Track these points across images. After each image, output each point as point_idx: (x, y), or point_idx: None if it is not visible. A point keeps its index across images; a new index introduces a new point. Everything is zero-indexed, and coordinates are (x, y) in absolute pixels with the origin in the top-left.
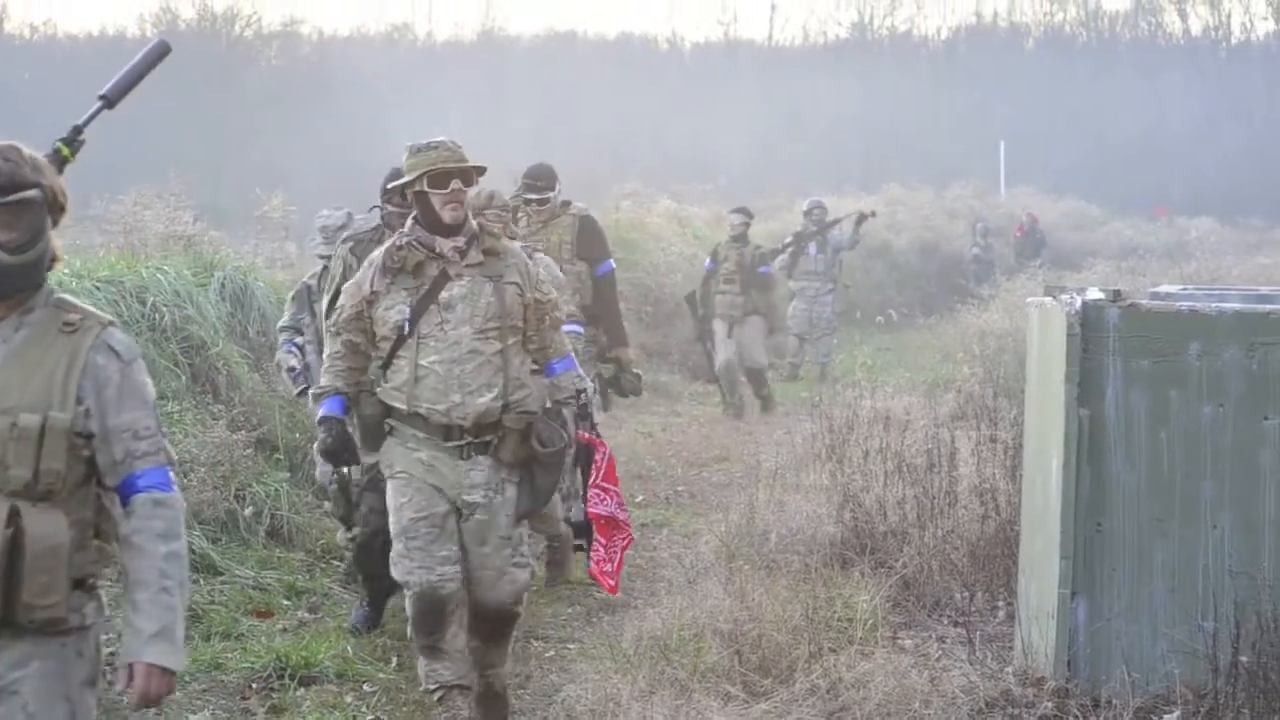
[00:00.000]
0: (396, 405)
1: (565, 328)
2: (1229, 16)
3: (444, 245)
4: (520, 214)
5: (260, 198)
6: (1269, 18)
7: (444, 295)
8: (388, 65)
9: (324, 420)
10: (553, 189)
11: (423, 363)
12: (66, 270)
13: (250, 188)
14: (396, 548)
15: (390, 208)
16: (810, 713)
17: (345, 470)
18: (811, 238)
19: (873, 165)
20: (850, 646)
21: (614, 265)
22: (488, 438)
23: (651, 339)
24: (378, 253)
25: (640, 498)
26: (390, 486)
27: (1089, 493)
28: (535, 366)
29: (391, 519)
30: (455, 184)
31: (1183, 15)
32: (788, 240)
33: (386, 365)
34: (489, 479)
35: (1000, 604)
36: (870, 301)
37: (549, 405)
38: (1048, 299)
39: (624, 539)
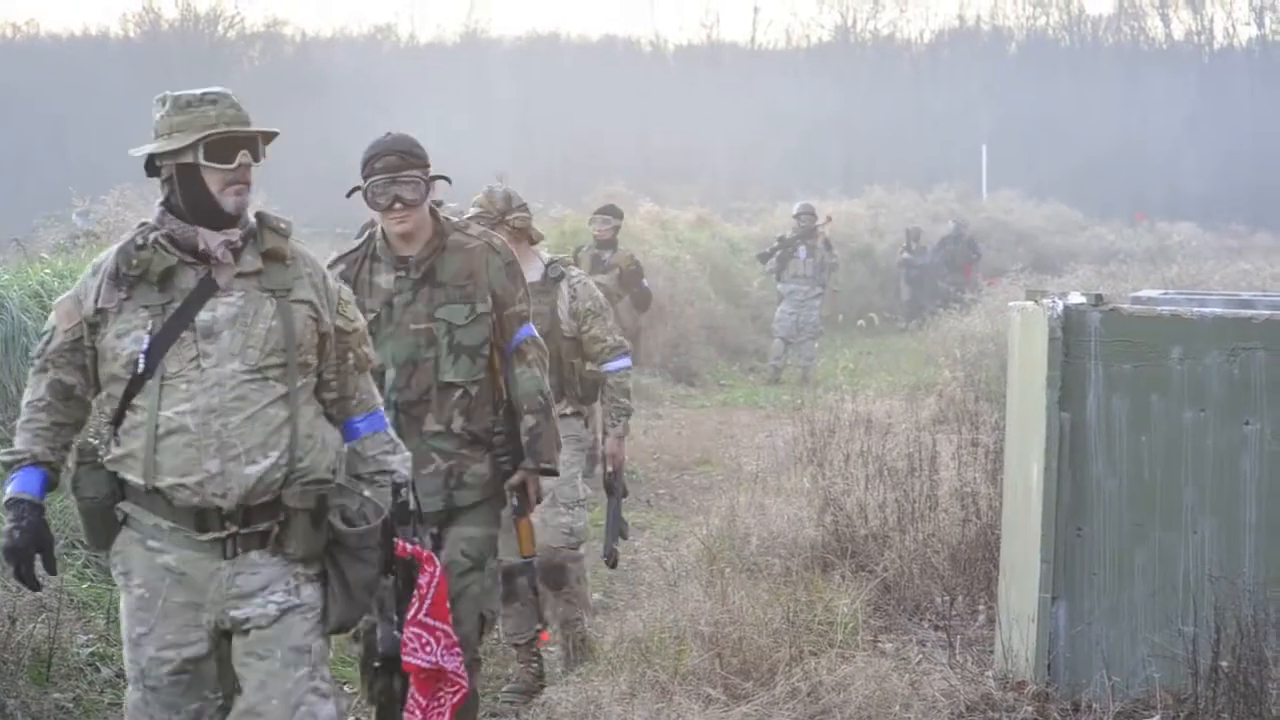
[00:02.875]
0: (130, 479)
1: (614, 363)
2: (1211, 21)
3: (210, 240)
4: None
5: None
6: (1251, 23)
7: (203, 317)
8: (371, 67)
9: (11, 504)
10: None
11: (168, 414)
12: None
13: None
14: (133, 696)
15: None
16: (790, 716)
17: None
18: (797, 242)
19: (855, 168)
20: (831, 650)
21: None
22: (263, 525)
23: (634, 341)
24: (107, 254)
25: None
26: (124, 607)
27: (1070, 497)
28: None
29: (126, 653)
30: (244, 157)
31: (1165, 20)
32: (774, 244)
33: (116, 420)
34: (269, 583)
35: (981, 608)
36: (852, 305)
37: (345, 481)
38: (1029, 303)
39: (454, 692)
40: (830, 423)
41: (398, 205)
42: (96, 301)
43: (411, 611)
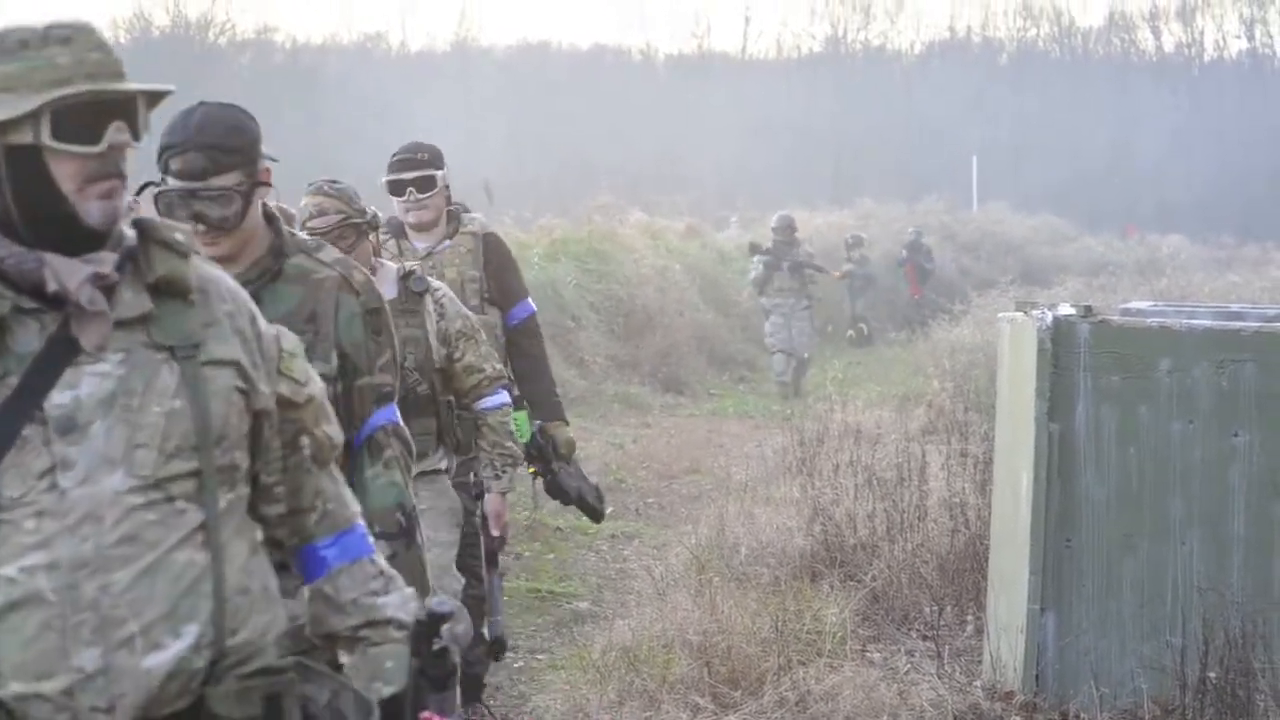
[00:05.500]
0: None
1: (492, 398)
2: (1202, 34)
3: (67, 275)
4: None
5: None
6: (1242, 36)
7: (59, 400)
8: (361, 74)
9: None
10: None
11: (7, 573)
12: None
13: None
14: None
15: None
16: None
17: None
18: (784, 256)
19: (844, 178)
20: (819, 659)
21: (534, 309)
22: None
23: (623, 351)
24: None
25: (610, 509)
26: None
27: (1058, 508)
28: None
29: None
30: (117, 133)
31: (1156, 32)
32: (757, 263)
33: None
34: None
35: (969, 618)
36: (841, 316)
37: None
38: (1019, 314)
39: None
40: (820, 433)
41: (198, 228)
42: None
43: None
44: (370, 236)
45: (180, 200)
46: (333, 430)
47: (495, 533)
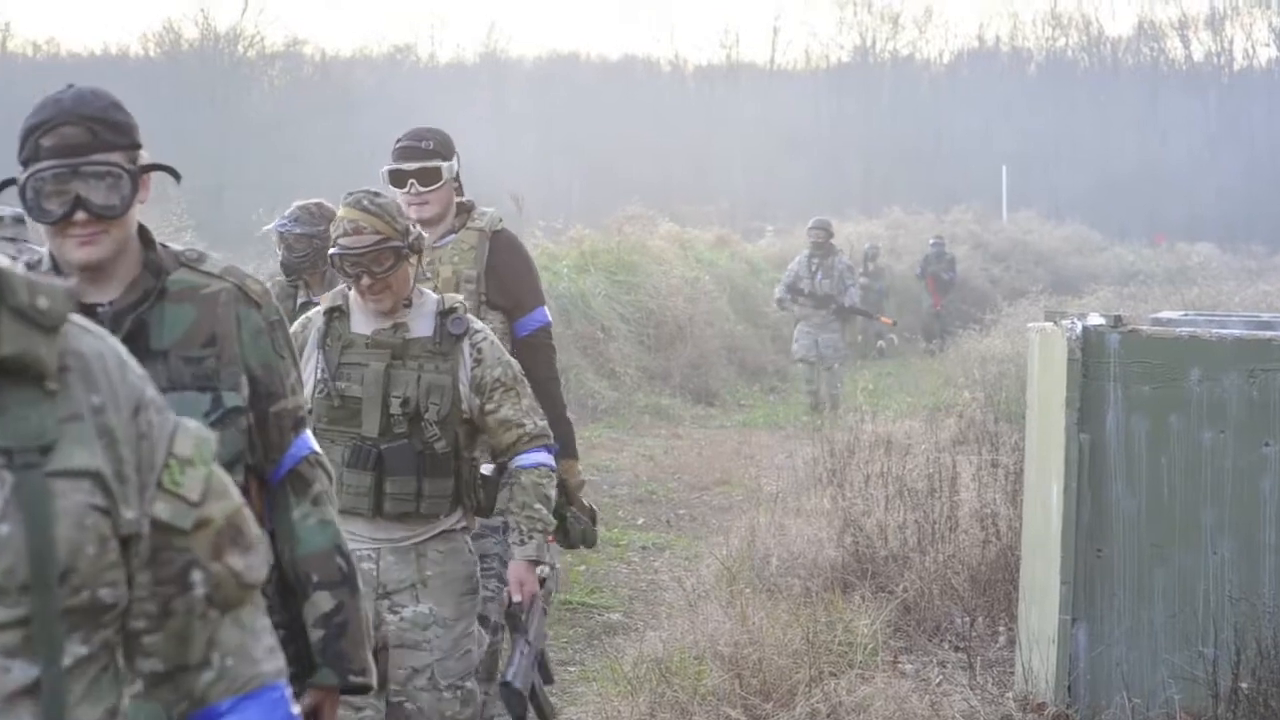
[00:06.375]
0: None
1: (530, 455)
2: (1231, 43)
3: None
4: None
5: (262, 218)
6: (1271, 44)
7: None
8: (390, 86)
9: None
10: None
11: None
12: None
13: (252, 207)
14: None
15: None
16: None
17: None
18: (816, 272)
19: (874, 188)
20: (851, 670)
21: (548, 319)
22: None
23: (654, 362)
24: None
25: (641, 520)
26: None
27: (1089, 518)
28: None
29: None
30: None
31: (1185, 41)
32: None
33: None
34: None
35: (1001, 629)
36: (871, 326)
37: None
38: (1049, 324)
39: None
40: (850, 443)
41: (79, 216)
42: None
43: None
44: (411, 260)
45: (56, 180)
46: (247, 563)
47: (516, 598)
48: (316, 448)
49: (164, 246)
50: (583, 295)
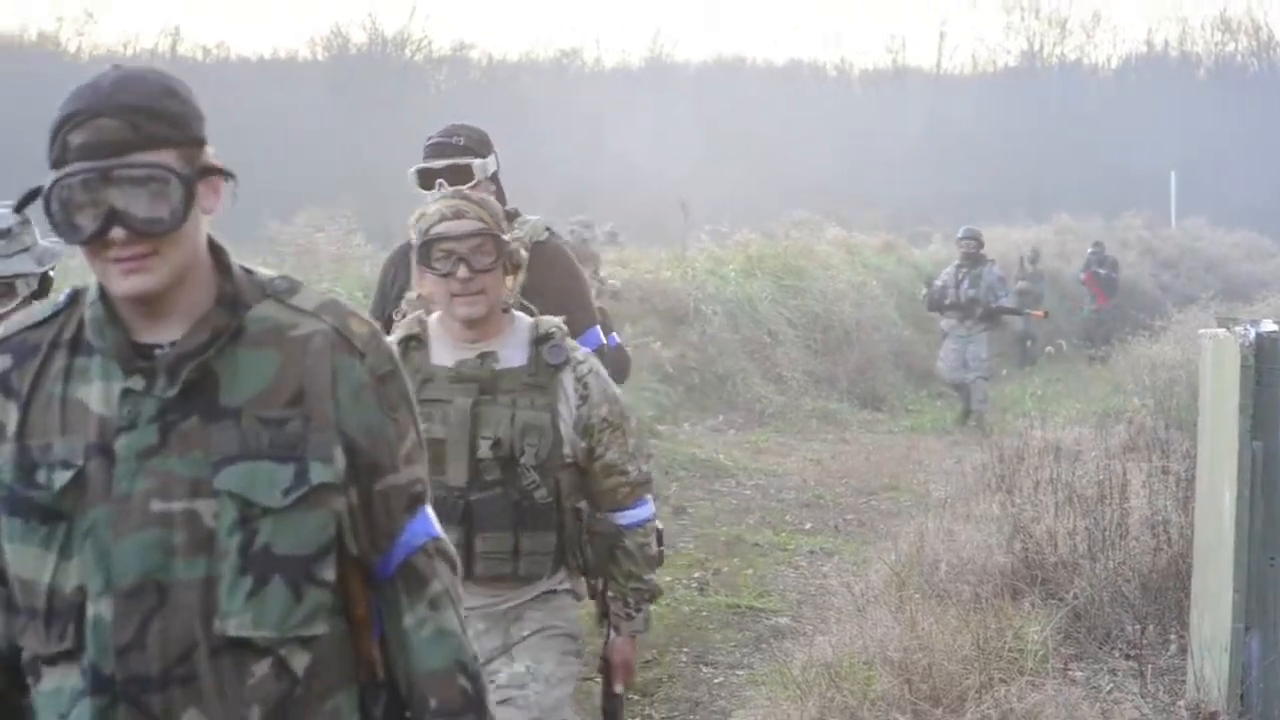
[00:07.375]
0: None
1: (634, 510)
2: None
3: None
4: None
5: None
6: None
7: None
8: (556, 90)
9: None
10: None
11: None
12: None
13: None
14: None
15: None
16: None
17: None
18: (963, 282)
19: (1041, 193)
20: (1021, 677)
21: (602, 340)
22: None
23: (821, 366)
24: None
25: (809, 525)
26: None
27: (1262, 526)
28: None
29: None
30: None
31: None
32: (945, 275)
33: None
34: None
35: (1172, 637)
36: (1040, 331)
37: None
38: (1221, 330)
39: None
40: (1019, 449)
41: (116, 234)
42: None
43: None
44: (511, 275)
45: (86, 188)
46: None
47: (618, 688)
48: (438, 531)
49: (246, 272)
50: (749, 300)
